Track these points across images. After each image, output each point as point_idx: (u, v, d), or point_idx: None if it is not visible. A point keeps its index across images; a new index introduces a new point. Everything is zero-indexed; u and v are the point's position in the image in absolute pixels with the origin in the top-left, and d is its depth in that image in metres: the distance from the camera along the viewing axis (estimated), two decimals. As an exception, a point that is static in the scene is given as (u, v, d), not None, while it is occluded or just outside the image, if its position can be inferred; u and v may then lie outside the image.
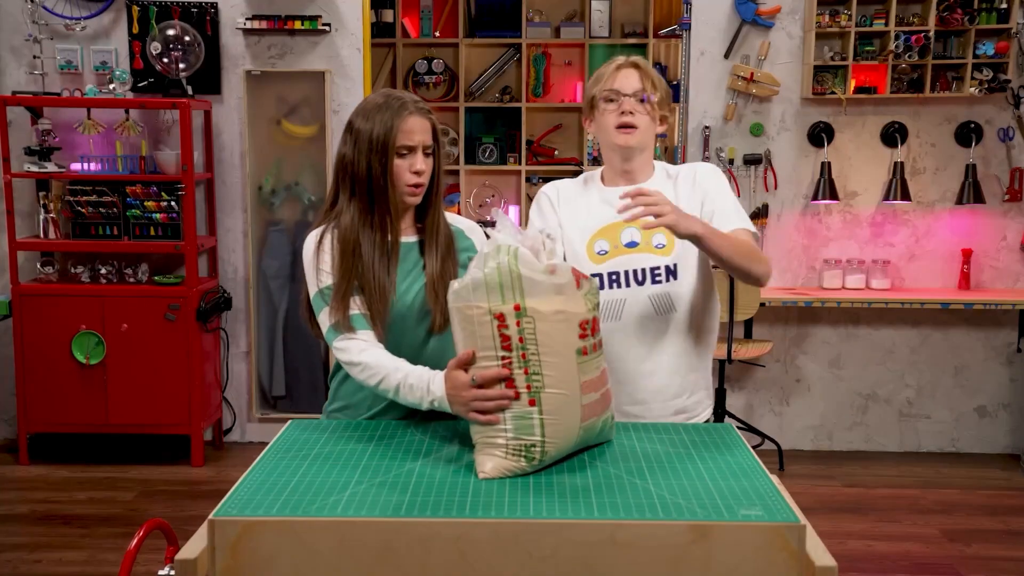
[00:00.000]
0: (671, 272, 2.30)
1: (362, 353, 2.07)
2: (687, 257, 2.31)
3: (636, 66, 2.32)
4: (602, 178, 2.42)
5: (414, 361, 2.08)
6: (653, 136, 2.36)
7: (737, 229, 2.27)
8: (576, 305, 1.81)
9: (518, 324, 1.77)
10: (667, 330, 2.32)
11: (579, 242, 2.34)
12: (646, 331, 2.32)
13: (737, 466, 1.88)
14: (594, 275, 2.27)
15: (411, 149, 2.12)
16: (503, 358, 1.79)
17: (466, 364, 1.86)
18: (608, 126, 2.32)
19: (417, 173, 2.12)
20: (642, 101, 2.29)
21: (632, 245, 2.31)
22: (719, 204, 2.31)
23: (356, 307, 2.11)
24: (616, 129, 2.30)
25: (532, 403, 1.78)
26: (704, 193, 2.32)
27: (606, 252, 2.31)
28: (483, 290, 1.78)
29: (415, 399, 1.99)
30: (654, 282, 2.30)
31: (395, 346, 2.15)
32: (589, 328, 1.83)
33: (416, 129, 2.12)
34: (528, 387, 1.78)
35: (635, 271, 2.30)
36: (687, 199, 2.32)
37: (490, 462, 1.80)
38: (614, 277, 2.31)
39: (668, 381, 2.34)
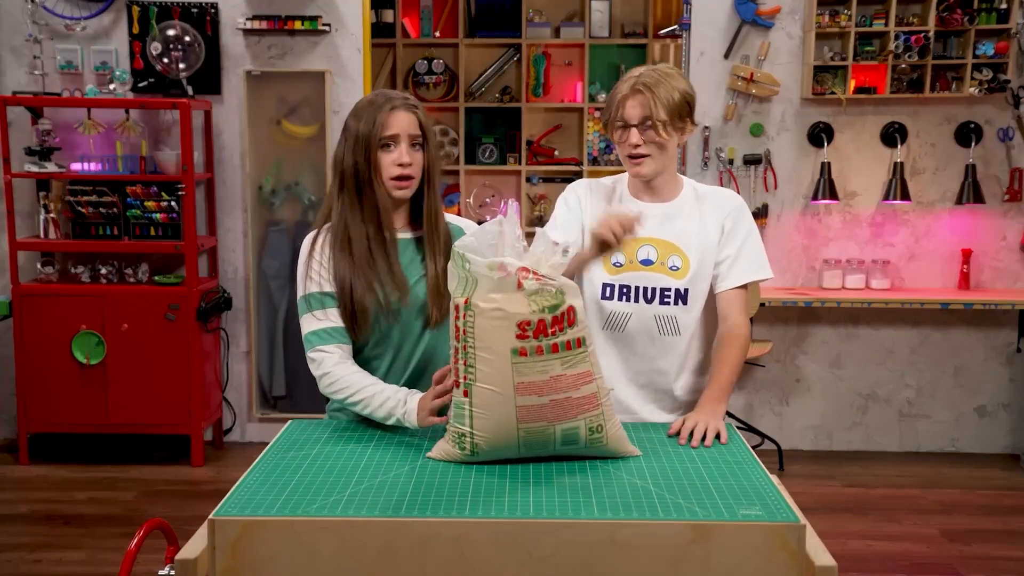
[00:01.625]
0: (681, 296, 2.32)
1: (335, 366, 2.15)
2: (700, 284, 2.33)
3: (641, 91, 2.25)
4: (628, 186, 2.43)
5: (411, 354, 2.21)
6: (670, 155, 2.34)
7: (737, 290, 2.31)
8: (517, 305, 1.80)
9: (464, 317, 1.83)
10: (667, 353, 2.35)
11: None
12: (646, 348, 2.35)
13: (737, 466, 1.88)
14: (606, 285, 2.33)
15: (394, 140, 2.16)
16: (454, 348, 1.87)
17: (440, 380, 2.01)
18: (622, 155, 2.34)
19: (401, 165, 2.16)
20: (649, 128, 2.26)
21: (647, 263, 2.33)
22: (735, 249, 2.33)
23: (338, 319, 2.18)
24: (628, 159, 2.32)
25: (465, 394, 1.85)
26: (726, 234, 2.34)
27: (621, 265, 2.34)
28: (454, 282, 1.87)
29: (385, 409, 2.07)
30: (662, 303, 2.32)
31: (393, 339, 2.20)
32: (531, 330, 1.80)
33: (398, 122, 2.16)
34: (464, 378, 1.85)
35: (645, 288, 2.32)
36: (710, 227, 2.34)
37: (438, 444, 1.92)
38: (624, 290, 2.33)
39: (655, 397, 2.38)
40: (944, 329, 5.01)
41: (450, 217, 2.35)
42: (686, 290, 2.32)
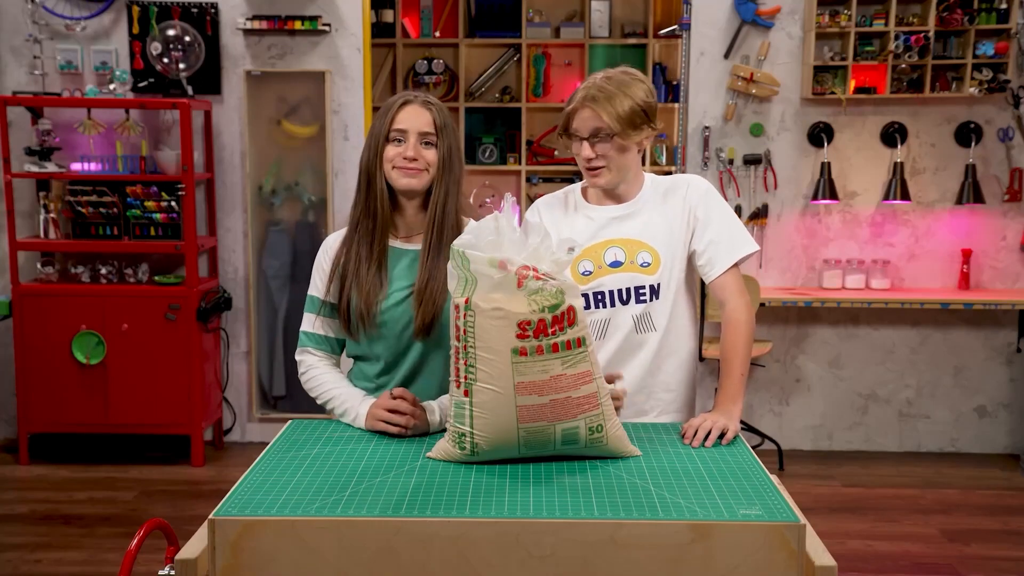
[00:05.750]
0: (655, 291, 2.28)
1: (312, 368, 2.24)
2: (671, 277, 2.29)
3: (590, 104, 2.22)
4: (584, 192, 2.38)
5: (398, 363, 2.20)
6: (629, 161, 2.28)
7: (727, 274, 2.26)
8: (516, 304, 1.79)
9: (464, 316, 1.83)
10: (641, 348, 2.30)
11: None
12: (626, 349, 2.30)
13: (737, 466, 1.88)
14: None
15: (403, 135, 2.14)
16: (454, 348, 1.87)
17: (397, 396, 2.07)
18: (580, 165, 2.30)
19: (406, 159, 2.13)
20: (600, 141, 2.22)
21: (616, 265, 2.28)
22: (713, 234, 2.28)
23: (330, 329, 2.24)
24: (586, 171, 2.28)
25: (466, 394, 1.85)
26: (696, 220, 2.29)
27: (590, 272, 2.29)
28: (453, 282, 1.87)
29: (342, 410, 2.16)
30: (638, 301, 2.28)
31: (382, 348, 2.19)
32: (531, 330, 1.79)
33: (407, 117, 2.14)
34: (465, 378, 1.85)
35: (620, 291, 2.28)
36: (675, 216, 2.30)
37: (438, 444, 1.92)
38: (599, 297, 2.29)
39: (634, 398, 2.30)
40: (944, 329, 5.01)
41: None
42: (658, 284, 2.28)
